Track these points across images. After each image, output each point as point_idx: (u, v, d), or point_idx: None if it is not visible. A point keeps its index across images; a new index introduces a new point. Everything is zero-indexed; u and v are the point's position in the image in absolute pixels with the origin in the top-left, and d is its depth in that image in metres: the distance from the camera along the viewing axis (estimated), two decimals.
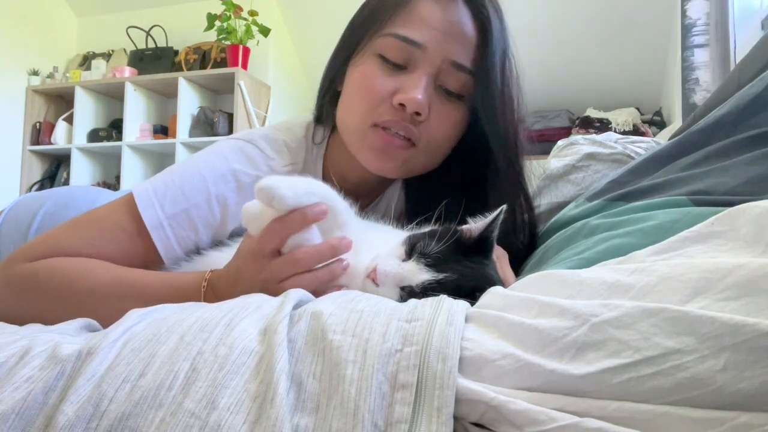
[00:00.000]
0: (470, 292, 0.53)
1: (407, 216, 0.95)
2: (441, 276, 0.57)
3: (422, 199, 0.92)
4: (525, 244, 0.87)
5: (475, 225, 0.63)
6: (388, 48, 0.80)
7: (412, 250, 0.60)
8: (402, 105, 0.78)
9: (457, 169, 0.90)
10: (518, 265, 0.85)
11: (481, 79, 0.81)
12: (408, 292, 0.57)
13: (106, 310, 0.51)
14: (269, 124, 1.04)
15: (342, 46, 0.88)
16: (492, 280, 0.60)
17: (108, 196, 1.10)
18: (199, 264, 0.78)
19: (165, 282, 0.70)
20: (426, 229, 0.67)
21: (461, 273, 0.58)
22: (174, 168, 0.83)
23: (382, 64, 0.80)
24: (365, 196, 0.97)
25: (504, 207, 0.63)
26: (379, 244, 0.64)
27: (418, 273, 0.57)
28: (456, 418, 0.36)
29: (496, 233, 0.63)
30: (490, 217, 0.62)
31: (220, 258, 0.76)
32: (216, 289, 0.66)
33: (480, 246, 0.62)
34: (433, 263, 0.58)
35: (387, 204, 1.01)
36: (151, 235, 0.76)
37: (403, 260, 0.60)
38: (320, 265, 0.61)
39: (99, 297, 0.68)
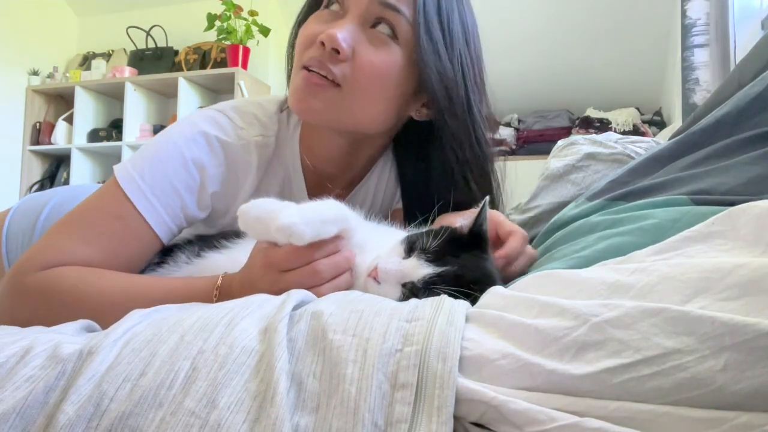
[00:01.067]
0: (469, 284, 0.54)
1: (404, 204, 0.96)
2: (441, 269, 0.57)
3: (417, 185, 0.92)
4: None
5: (465, 222, 0.64)
6: None
7: (411, 249, 0.61)
8: (322, 43, 0.77)
9: (446, 148, 0.87)
10: None
11: (415, 21, 0.79)
12: (410, 289, 0.57)
13: (116, 318, 0.52)
14: (242, 98, 1.04)
15: (299, 18, 0.89)
16: (490, 274, 0.61)
17: None
18: (199, 266, 0.78)
19: (175, 288, 0.70)
20: (423, 229, 0.67)
21: (460, 265, 0.58)
22: (149, 142, 0.84)
23: (322, 13, 0.82)
24: (340, 176, 0.97)
25: (487, 198, 0.64)
26: (382, 244, 0.65)
27: (419, 268, 0.58)
28: (456, 418, 0.36)
29: (486, 225, 0.64)
30: (476, 211, 0.63)
31: (220, 260, 0.76)
32: (229, 296, 0.66)
33: (474, 240, 0.63)
34: (433, 258, 0.59)
35: (374, 190, 1.01)
36: (138, 208, 0.76)
37: (403, 258, 0.60)
38: None
39: (109, 306, 0.68)
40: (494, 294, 0.49)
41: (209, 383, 0.37)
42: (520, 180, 0.99)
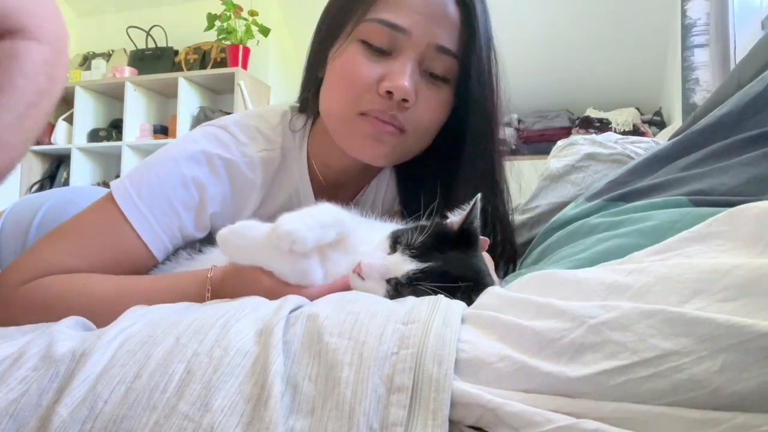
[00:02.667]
0: (454, 280, 0.54)
1: (402, 207, 0.95)
2: (425, 265, 0.56)
3: (415, 190, 0.92)
4: (500, 242, 0.88)
5: (455, 218, 0.63)
6: (372, 33, 0.79)
7: (396, 244, 0.59)
8: (389, 92, 0.77)
9: (451, 158, 0.89)
10: (498, 266, 0.85)
11: (465, 62, 0.81)
12: (394, 286, 0.56)
13: (109, 323, 0.51)
14: (242, 112, 1.03)
15: (323, 35, 0.87)
16: (478, 271, 0.60)
17: None
18: (200, 262, 0.77)
19: (165, 288, 0.69)
20: (410, 225, 0.66)
21: (445, 261, 0.57)
22: (148, 158, 0.83)
23: (366, 50, 0.80)
24: (351, 184, 0.97)
25: (479, 196, 0.62)
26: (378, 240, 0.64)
27: (403, 264, 0.56)
28: (453, 422, 0.35)
29: (477, 223, 0.62)
30: (468, 208, 0.62)
31: (221, 255, 0.76)
32: (221, 287, 0.66)
33: (463, 238, 0.62)
34: (418, 254, 0.57)
35: (374, 195, 1.01)
36: (133, 226, 0.75)
37: (388, 253, 0.59)
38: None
39: (98, 312, 0.66)
40: (491, 294, 0.49)
41: (203, 386, 0.37)
42: (519, 179, 0.99)
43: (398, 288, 0.56)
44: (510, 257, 0.91)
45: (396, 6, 0.79)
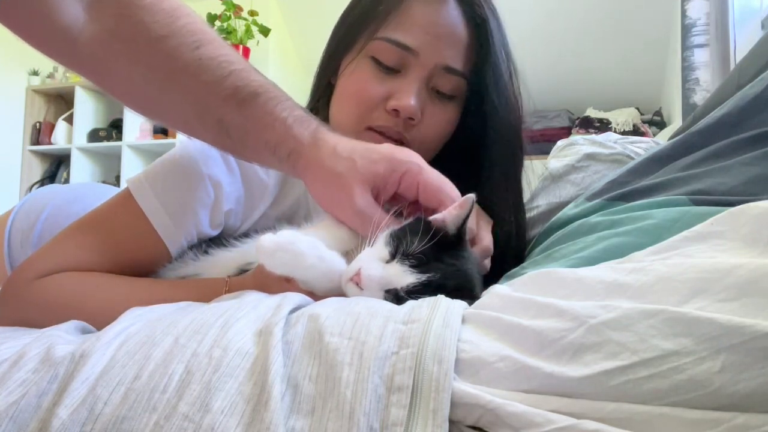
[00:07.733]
0: (450, 292, 0.53)
1: None
2: (424, 278, 0.56)
3: None
4: (514, 249, 0.88)
5: (449, 217, 0.62)
6: (382, 52, 0.81)
7: (396, 251, 0.59)
8: (395, 110, 0.79)
9: (471, 168, 0.90)
10: (505, 269, 0.85)
11: (474, 81, 0.82)
12: (393, 295, 0.56)
13: None
14: None
15: (336, 46, 0.89)
16: (471, 279, 0.61)
17: (115, 192, 1.10)
18: (207, 263, 0.77)
19: (179, 297, 0.69)
20: (404, 222, 0.65)
21: (443, 272, 0.57)
22: (165, 155, 0.83)
23: (375, 67, 0.82)
24: None
25: (473, 196, 0.62)
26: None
27: (403, 276, 0.56)
28: (453, 422, 0.35)
29: (467, 223, 0.62)
30: (464, 211, 0.61)
31: (228, 257, 0.76)
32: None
33: (458, 239, 0.62)
34: (416, 263, 0.57)
35: None
36: (152, 223, 0.75)
37: (387, 261, 0.58)
38: None
39: (110, 316, 0.67)
40: (492, 294, 0.49)
41: (203, 386, 0.37)
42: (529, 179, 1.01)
43: (397, 296, 0.56)
44: (515, 260, 0.92)
45: (406, 25, 0.80)
